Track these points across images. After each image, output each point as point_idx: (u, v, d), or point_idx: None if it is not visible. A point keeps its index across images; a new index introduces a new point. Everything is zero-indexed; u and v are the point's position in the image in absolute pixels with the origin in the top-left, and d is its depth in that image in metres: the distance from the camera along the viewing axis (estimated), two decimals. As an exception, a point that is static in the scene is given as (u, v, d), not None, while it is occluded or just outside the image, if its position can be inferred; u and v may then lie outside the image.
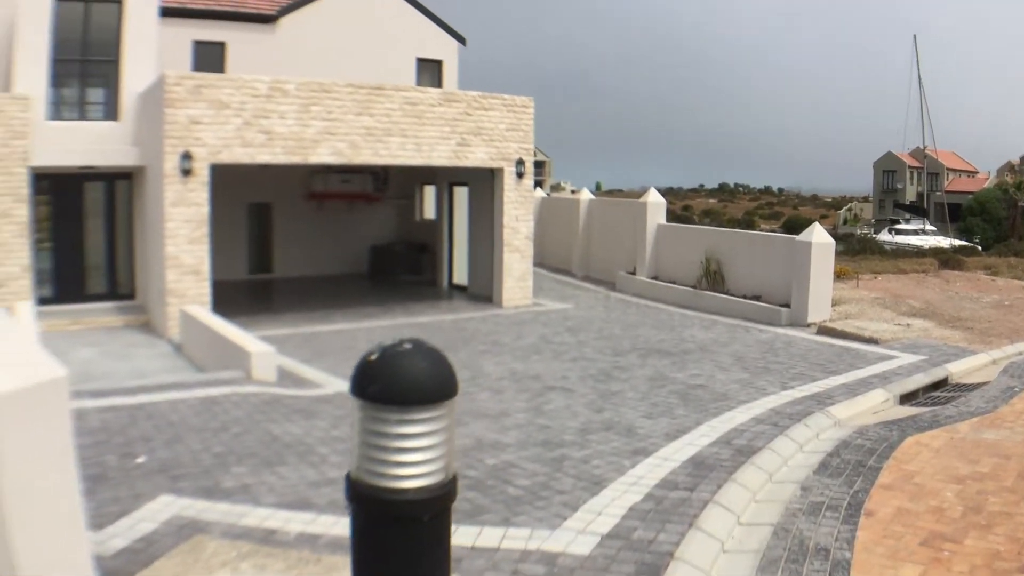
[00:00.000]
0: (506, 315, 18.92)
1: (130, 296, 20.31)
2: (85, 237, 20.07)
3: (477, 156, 19.64)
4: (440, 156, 19.18)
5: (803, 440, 9.06)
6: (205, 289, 17.38)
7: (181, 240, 17.15)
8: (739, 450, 8.53)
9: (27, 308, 16.13)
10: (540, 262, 27.20)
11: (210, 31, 24.36)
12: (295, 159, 17.88)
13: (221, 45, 24.46)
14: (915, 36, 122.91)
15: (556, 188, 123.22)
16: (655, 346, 14.96)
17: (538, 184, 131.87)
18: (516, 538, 6.48)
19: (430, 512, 3.01)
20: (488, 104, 19.79)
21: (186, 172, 16.99)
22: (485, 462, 8.34)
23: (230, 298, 21.15)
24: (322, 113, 17.95)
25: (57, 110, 18.84)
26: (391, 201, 27.25)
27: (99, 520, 6.81)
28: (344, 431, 9.53)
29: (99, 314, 18.90)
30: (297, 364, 13.77)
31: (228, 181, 23.69)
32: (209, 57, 24.03)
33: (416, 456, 2.97)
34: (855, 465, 8.13)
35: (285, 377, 12.70)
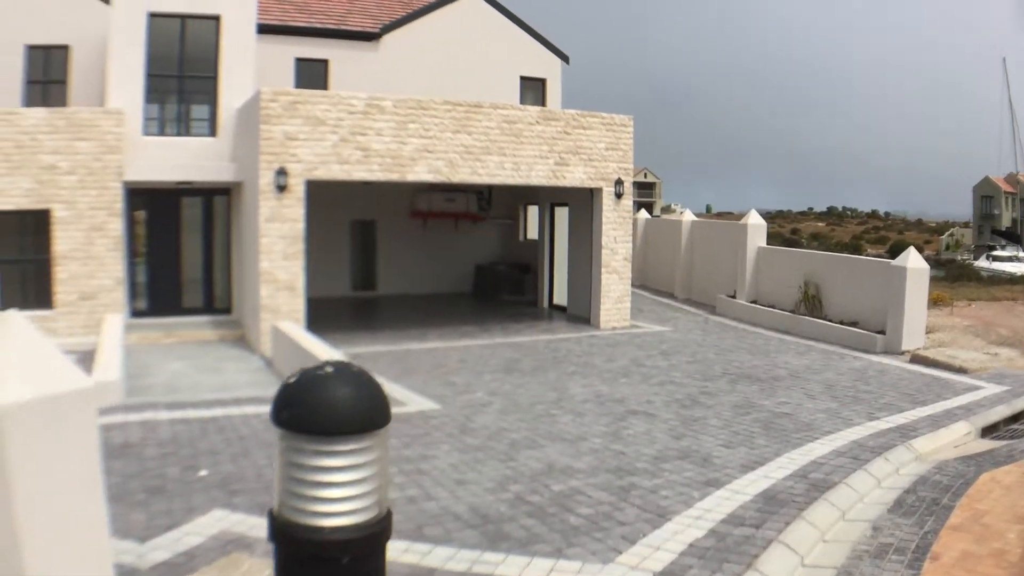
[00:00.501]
0: (602, 337, 18.82)
1: (226, 311, 20.83)
2: (182, 251, 20.70)
3: (575, 176, 19.61)
4: (538, 175, 19.20)
5: (882, 475, 8.75)
6: (299, 305, 17.67)
7: (276, 256, 17.48)
8: (815, 484, 8.25)
9: (115, 320, 16.66)
10: (643, 284, 27.37)
11: (313, 48, 24.89)
12: (392, 176, 18.07)
13: (324, 63, 24.97)
14: (1004, 59, 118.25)
15: (666, 210, 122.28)
16: (747, 372, 14.73)
17: (648, 206, 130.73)
18: (564, 571, 6.39)
19: (351, 554, 2.78)
20: (587, 123, 19.74)
21: (281, 188, 17.34)
22: (551, 488, 8.24)
23: (331, 314, 21.64)
24: (419, 131, 18.14)
25: (154, 125, 19.46)
26: (495, 221, 27.49)
27: (147, 532, 6.99)
28: (418, 451, 9.56)
29: (194, 328, 19.41)
30: (385, 381, 13.62)
31: (332, 198, 24.27)
32: (312, 74, 24.57)
33: (336, 492, 2.76)
34: (929, 503, 7.81)
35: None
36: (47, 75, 21.93)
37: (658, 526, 7.18)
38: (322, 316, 21.21)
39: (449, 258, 27.17)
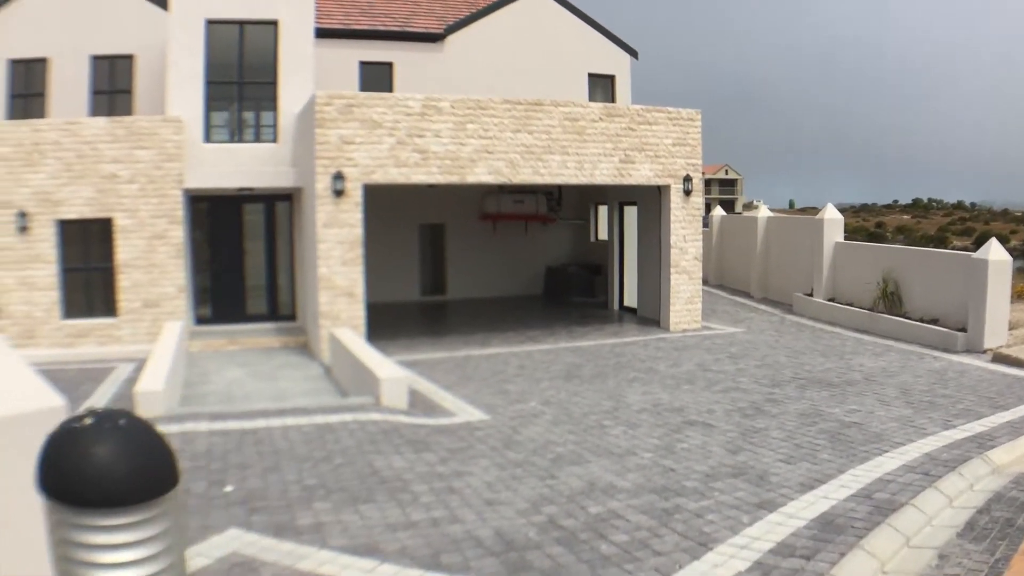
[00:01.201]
0: (670, 340, 18.05)
1: (290, 317, 20.58)
2: (245, 258, 20.50)
3: (642, 173, 18.85)
4: (603, 174, 18.49)
5: (954, 493, 7.84)
6: (359, 311, 17.29)
7: (334, 261, 17.13)
8: (878, 506, 7.38)
9: (173, 328, 16.42)
10: (720, 283, 26.66)
11: (377, 51, 24.53)
12: (452, 179, 17.57)
13: (388, 65, 24.59)
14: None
15: (748, 207, 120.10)
16: (818, 376, 13.83)
17: (730, 203, 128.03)
18: (583, 610, 5.68)
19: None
20: (652, 118, 18.97)
21: (338, 193, 16.96)
22: (588, 510, 7.55)
23: (397, 320, 21.37)
24: (478, 131, 17.60)
25: (214, 133, 19.23)
26: (565, 222, 26.83)
27: None
28: (453, 467, 8.98)
29: (257, 335, 19.16)
30: (437, 389, 13.42)
31: (399, 202, 23.97)
32: (376, 77, 24.23)
33: (98, 574, 2.11)
34: (1003, 525, 6.93)
35: (419, 403, 12.37)
36: (112, 85, 21.92)
37: (697, 556, 6.42)
38: (388, 322, 20.97)
39: (519, 261, 26.61)
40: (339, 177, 16.93)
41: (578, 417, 11.26)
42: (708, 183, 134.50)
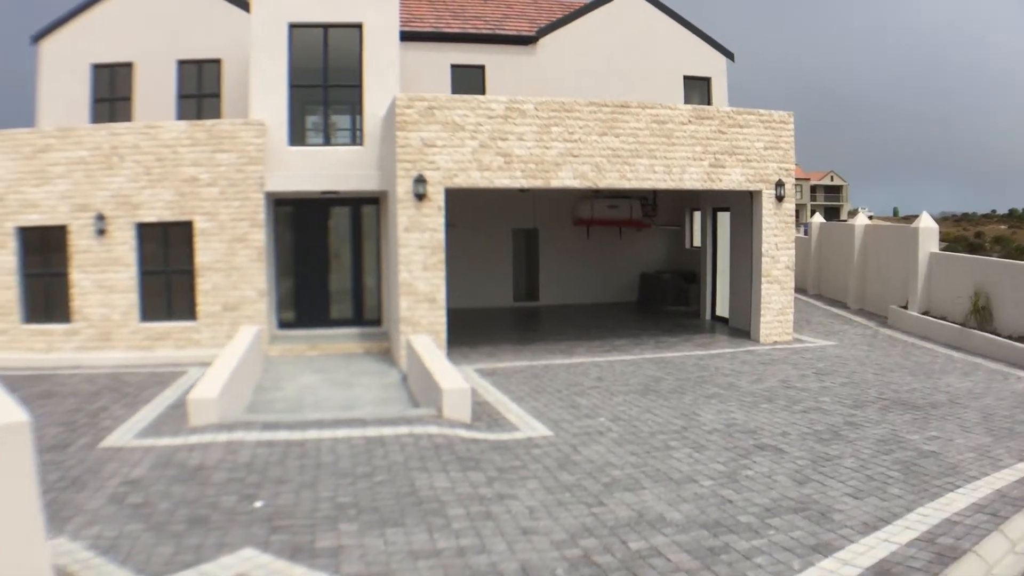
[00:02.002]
0: (759, 353, 17.16)
1: (376, 322, 20.26)
2: (330, 262, 20.24)
3: (732, 178, 17.97)
4: (691, 179, 17.67)
5: (1018, 536, 6.97)
6: (440, 318, 16.83)
7: (415, 267, 16.71)
8: (941, 553, 6.55)
9: (246, 333, 16.19)
10: (819, 293, 25.79)
11: (469, 54, 24.12)
12: (536, 183, 16.99)
13: (480, 68, 24.14)
14: None
15: (853, 214, 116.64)
16: (903, 396, 12.90)
17: (835, 210, 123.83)
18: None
19: None
20: (743, 120, 18.06)
21: (420, 196, 16.56)
22: (628, 545, 6.89)
23: (484, 326, 21.09)
24: (563, 134, 17.00)
25: (299, 136, 18.99)
26: (660, 228, 26.01)
27: (164, 568, 6.57)
28: (498, 488, 8.43)
29: (341, 340, 18.87)
30: (507, 401, 12.93)
31: (492, 207, 23.57)
32: (468, 80, 23.81)
33: None
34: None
35: (484, 416, 11.92)
36: (200, 89, 22.01)
37: (733, 607, 5.73)
38: (476, 328, 20.69)
39: (613, 267, 25.92)
40: (420, 181, 16.53)
41: (645, 436, 10.56)
42: (814, 190, 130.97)
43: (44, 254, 18.01)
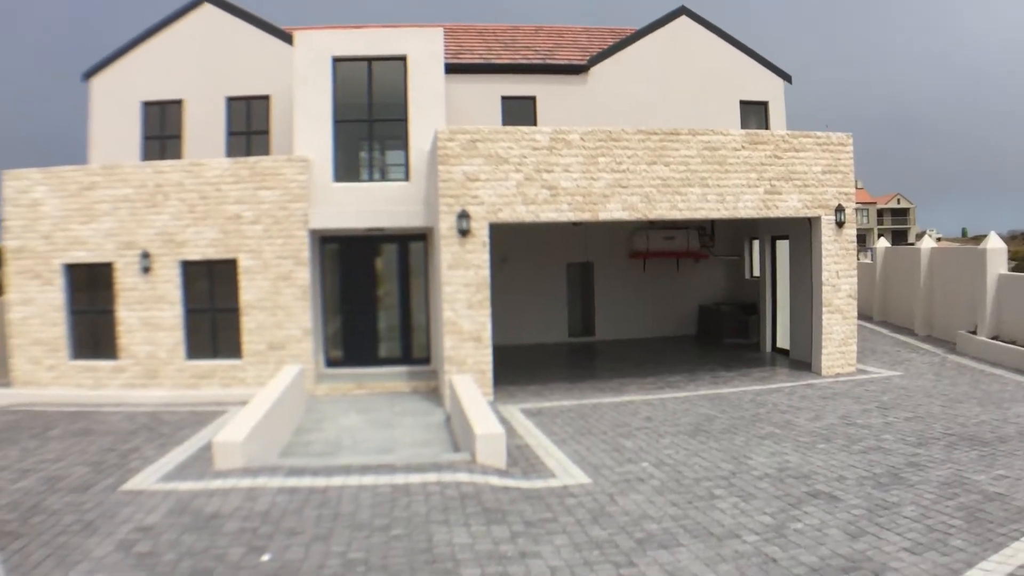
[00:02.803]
0: (819, 386, 16.23)
1: (425, 360, 19.72)
2: (378, 300, 19.76)
3: (789, 204, 17.15)
4: (746, 207, 16.91)
5: None
6: (486, 357, 16.26)
7: (460, 305, 16.18)
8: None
9: (289, 373, 15.72)
10: (884, 320, 24.85)
11: (519, 85, 23.57)
12: (583, 216, 16.38)
13: (531, 99, 23.57)
14: None
15: (920, 237, 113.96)
16: (970, 431, 11.94)
17: (902, 233, 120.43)
18: None
19: None
20: (799, 144, 17.25)
21: (463, 232, 16.05)
22: (654, 614, 6.18)
23: (536, 363, 20.51)
24: (611, 164, 16.38)
25: (343, 172, 18.58)
26: (719, 258, 25.14)
27: None
28: (521, 545, 7.78)
29: (388, 379, 18.35)
30: (549, 444, 12.26)
31: (545, 240, 23.02)
32: (519, 112, 23.26)
33: None
34: None
35: (521, 461, 11.30)
36: (249, 126, 21.80)
37: None
38: (527, 365, 20.15)
39: (671, 300, 25.04)
40: (464, 216, 16.03)
41: (689, 483, 9.81)
42: (880, 213, 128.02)
43: (91, 291, 17.89)
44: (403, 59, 18.40)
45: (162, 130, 21.78)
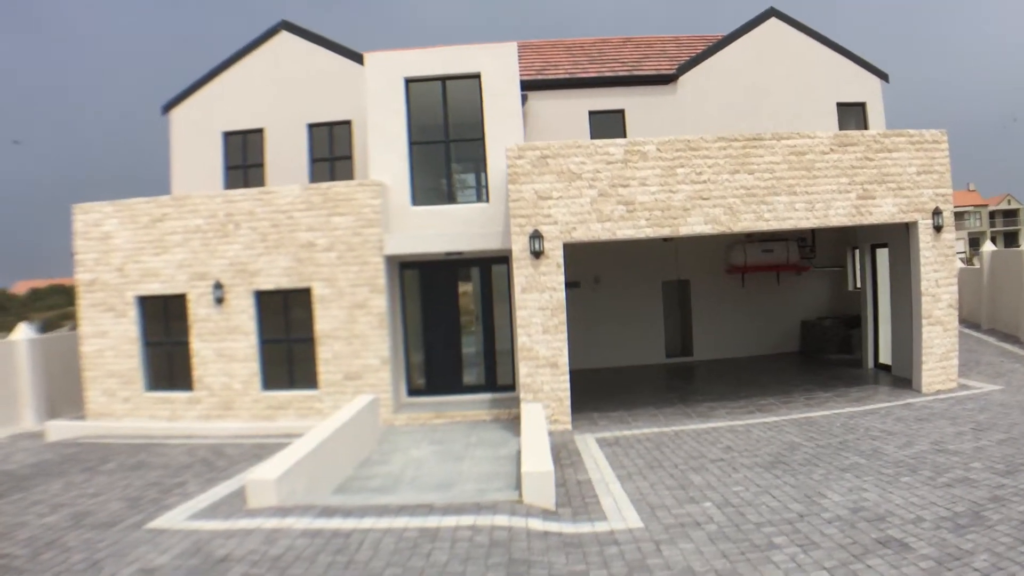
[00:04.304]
0: (917, 406, 14.60)
1: (510, 387, 18.75)
2: (460, 325, 18.86)
3: (884, 210, 15.56)
4: (837, 214, 15.41)
5: None
6: (562, 384, 15.22)
7: (535, 329, 15.20)
8: None
9: (357, 404, 14.94)
10: (992, 327, 23.07)
11: (606, 99, 22.47)
12: (663, 231, 15.20)
13: (619, 113, 22.45)
14: None
15: None
16: (1069, 454, 10.28)
17: (1013, 235, 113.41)
18: None
19: None
20: (891, 144, 15.66)
21: (536, 254, 15.10)
22: None
23: (627, 386, 19.44)
24: (690, 175, 15.18)
25: (420, 195, 17.78)
26: (820, 269, 23.41)
27: None
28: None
29: (470, 407, 17.43)
30: (611, 480, 11.16)
31: (638, 258, 21.98)
32: (607, 126, 22.15)
33: None
34: None
35: (577, 498, 10.30)
36: (332, 152, 21.33)
37: None
38: (616, 388, 19.09)
39: (772, 315, 23.43)
40: (536, 236, 15.07)
41: (749, 529, 8.55)
42: (992, 215, 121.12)
43: (165, 322, 17.54)
44: (477, 77, 17.54)
45: (244, 159, 21.54)
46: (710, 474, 10.98)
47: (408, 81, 17.57)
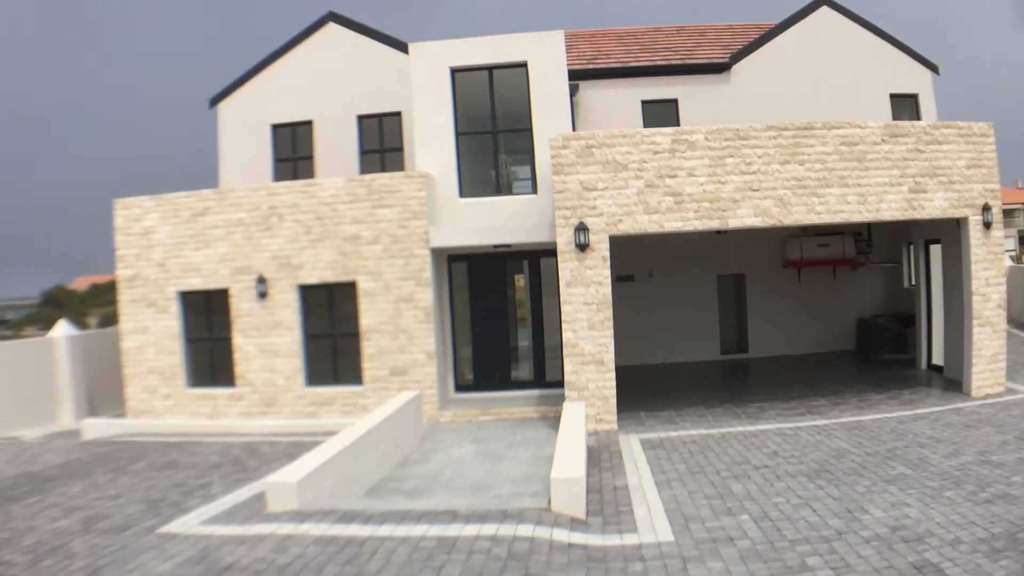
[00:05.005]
0: (966, 412, 13.65)
1: (560, 384, 18.06)
2: (509, 320, 18.22)
3: (935, 204, 14.57)
4: (890, 208, 14.46)
5: None
6: (608, 382, 14.58)
7: (580, 325, 14.57)
8: None
9: (401, 399, 14.41)
10: None
11: (659, 88, 21.62)
12: (711, 224, 14.43)
13: (672, 102, 21.60)
14: None
15: None
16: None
17: None
18: None
19: None
20: (941, 135, 14.65)
21: (581, 247, 14.45)
22: None
23: (679, 384, 18.73)
24: (739, 165, 14.37)
25: (467, 186, 17.20)
26: (877, 265, 22.22)
27: None
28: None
29: (518, 403, 16.84)
30: (649, 486, 10.50)
31: (694, 252, 21.12)
32: (660, 116, 21.30)
33: None
34: None
35: (609, 506, 9.67)
36: (382, 143, 20.85)
37: None
38: (667, 386, 18.42)
39: (828, 312, 22.30)
40: (581, 229, 14.41)
41: (783, 547, 7.82)
42: None
43: (207, 318, 17.22)
44: (524, 66, 16.90)
45: (293, 152, 21.18)
46: (752, 483, 10.24)
47: (454, 71, 16.99)
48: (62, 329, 19.15)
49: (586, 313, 14.57)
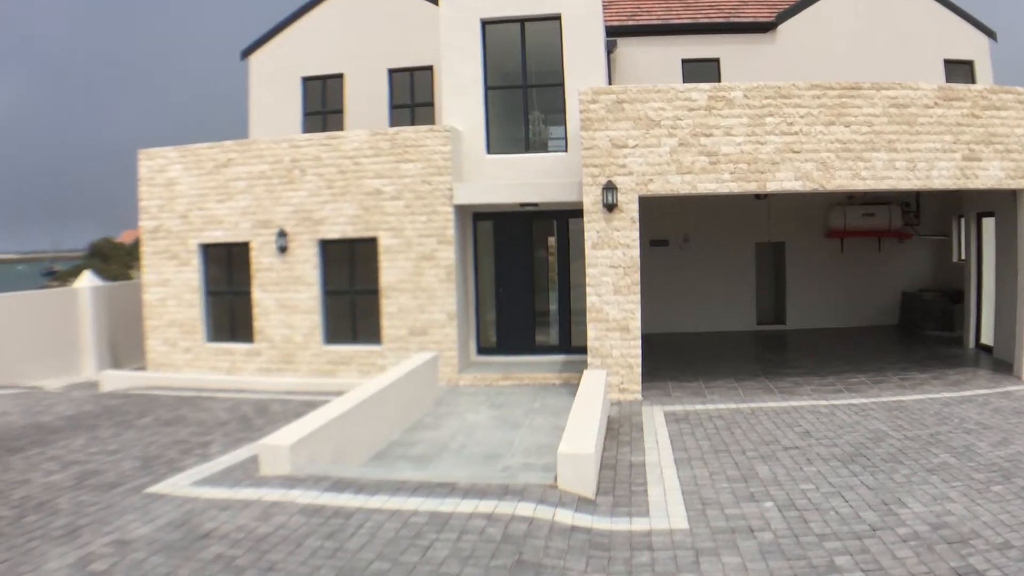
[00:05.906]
0: (1017, 396, 12.54)
1: (585, 350, 17.16)
2: (535, 282, 17.27)
3: (990, 174, 13.29)
4: (941, 176, 13.24)
5: None
6: (634, 349, 13.64)
7: (605, 289, 13.65)
8: None
9: (416, 360, 13.61)
10: None
11: (701, 47, 20.43)
12: (748, 187, 13.37)
13: (714, 62, 20.40)
14: None
15: None
16: None
17: None
18: None
19: None
20: (999, 101, 13.33)
21: (609, 207, 13.48)
22: None
23: (712, 354, 17.73)
24: (780, 126, 13.27)
25: (495, 142, 16.26)
26: (924, 238, 20.86)
27: None
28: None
29: (540, 368, 15.99)
30: (667, 464, 9.60)
31: (731, 217, 20.08)
32: (700, 75, 20.03)
33: None
34: None
35: (622, 485, 8.79)
36: (413, 98, 19.95)
37: None
38: (698, 356, 17.46)
39: (871, 285, 21.03)
40: (610, 188, 13.43)
41: (809, 543, 6.88)
42: None
43: (228, 271, 16.51)
44: (557, 18, 15.86)
45: (323, 105, 20.32)
46: (779, 465, 9.30)
47: (484, 23, 16.00)
48: (87, 280, 18.60)
49: (612, 277, 13.64)
